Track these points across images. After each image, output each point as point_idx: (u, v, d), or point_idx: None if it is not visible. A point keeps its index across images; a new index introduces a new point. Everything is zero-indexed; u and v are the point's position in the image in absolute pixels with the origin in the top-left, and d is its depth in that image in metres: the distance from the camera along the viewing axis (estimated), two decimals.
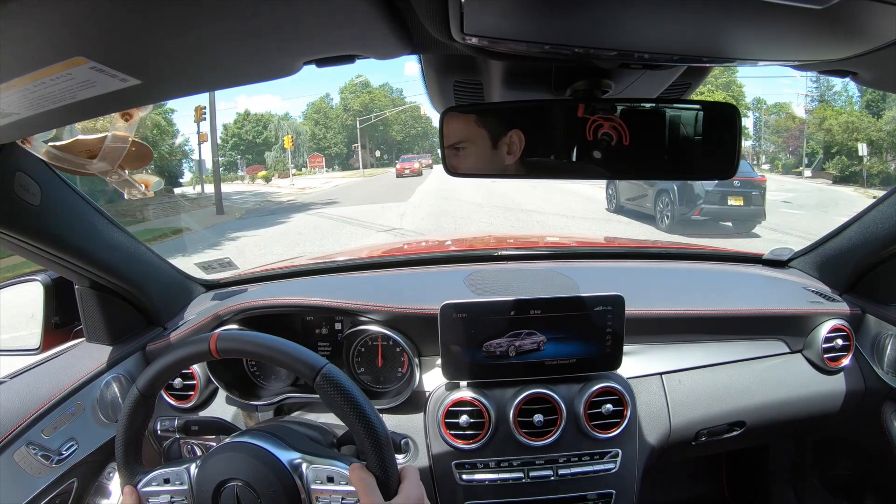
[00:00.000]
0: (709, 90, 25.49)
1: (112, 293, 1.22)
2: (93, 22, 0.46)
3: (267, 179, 35.22)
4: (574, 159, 0.76)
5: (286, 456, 0.85)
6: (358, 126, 44.18)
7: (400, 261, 1.70)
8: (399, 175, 27.38)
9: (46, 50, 0.49)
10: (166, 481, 0.88)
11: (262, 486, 0.82)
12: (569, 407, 1.22)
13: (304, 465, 0.84)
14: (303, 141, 47.92)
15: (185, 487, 0.87)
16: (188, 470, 0.88)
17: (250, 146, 46.65)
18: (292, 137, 39.75)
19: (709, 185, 8.79)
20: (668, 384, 1.34)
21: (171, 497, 0.88)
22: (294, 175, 39.31)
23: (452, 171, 0.80)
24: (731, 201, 9.05)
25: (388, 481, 0.80)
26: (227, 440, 0.90)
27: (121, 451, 0.89)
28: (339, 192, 21.90)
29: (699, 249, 1.92)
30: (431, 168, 32.28)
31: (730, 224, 9.52)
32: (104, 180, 0.96)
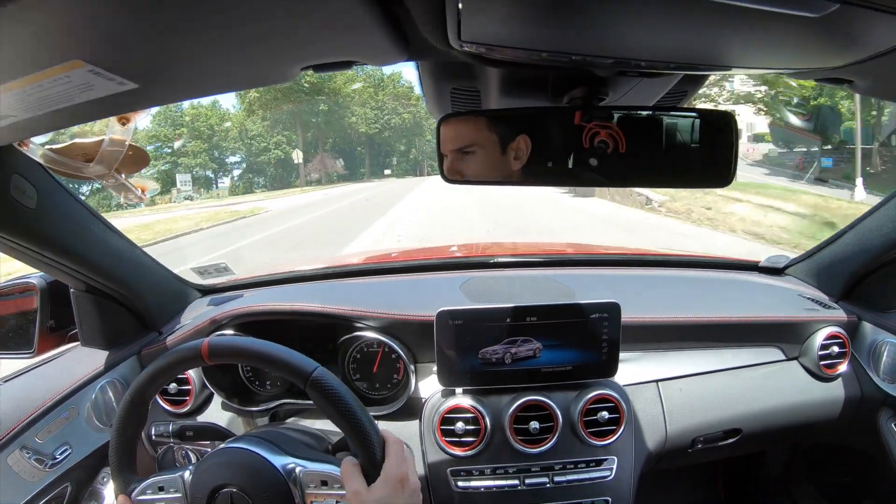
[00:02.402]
0: None
1: (108, 297, 1.22)
2: (91, 25, 0.46)
3: None
4: (570, 166, 0.76)
5: (280, 461, 0.85)
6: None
7: (396, 267, 1.70)
8: None
9: (44, 52, 0.49)
10: (160, 489, 0.88)
11: (256, 492, 0.82)
12: (565, 414, 1.22)
13: (297, 469, 0.84)
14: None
15: (180, 495, 0.87)
16: (182, 477, 0.88)
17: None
18: None
19: None
20: (663, 391, 1.34)
21: None
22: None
23: (450, 177, 0.80)
24: None
25: (373, 465, 0.80)
26: (222, 446, 0.90)
27: (114, 459, 0.89)
28: None
29: (695, 257, 1.92)
30: None
31: None
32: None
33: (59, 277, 1.15)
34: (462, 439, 1.21)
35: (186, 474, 0.88)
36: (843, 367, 1.40)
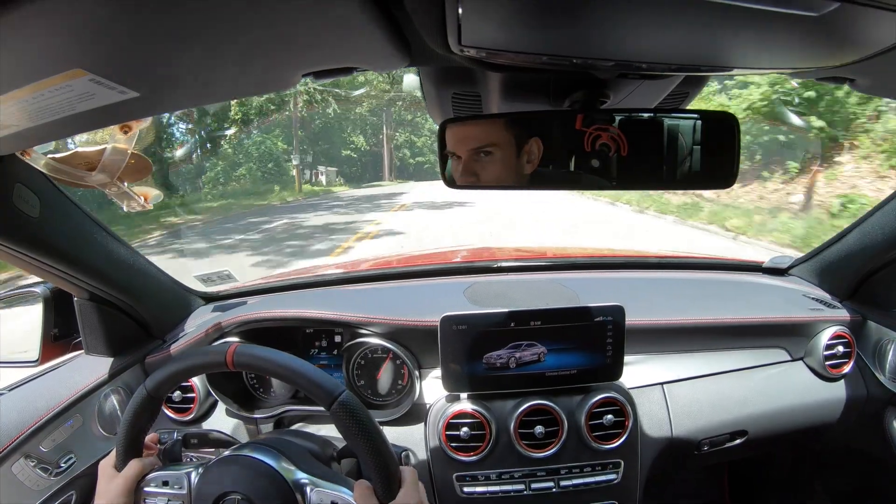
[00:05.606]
0: None
1: (111, 305, 1.22)
2: (92, 35, 0.46)
3: None
4: (572, 170, 0.76)
5: (291, 474, 0.84)
6: None
7: (399, 273, 1.70)
8: None
9: (46, 62, 0.49)
10: (165, 483, 0.88)
11: (262, 501, 0.82)
12: (570, 418, 1.22)
13: (308, 488, 0.83)
14: None
15: (184, 492, 0.87)
16: (188, 476, 0.88)
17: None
18: None
19: None
20: (669, 394, 1.33)
21: (169, 500, 0.87)
22: None
23: (461, 182, 0.80)
24: None
25: (387, 493, 0.80)
26: (227, 453, 0.89)
27: (121, 449, 0.89)
28: None
29: (699, 259, 1.92)
30: None
31: None
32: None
33: (62, 286, 1.15)
34: (467, 444, 1.20)
35: (193, 474, 0.88)
36: (848, 367, 1.40)
